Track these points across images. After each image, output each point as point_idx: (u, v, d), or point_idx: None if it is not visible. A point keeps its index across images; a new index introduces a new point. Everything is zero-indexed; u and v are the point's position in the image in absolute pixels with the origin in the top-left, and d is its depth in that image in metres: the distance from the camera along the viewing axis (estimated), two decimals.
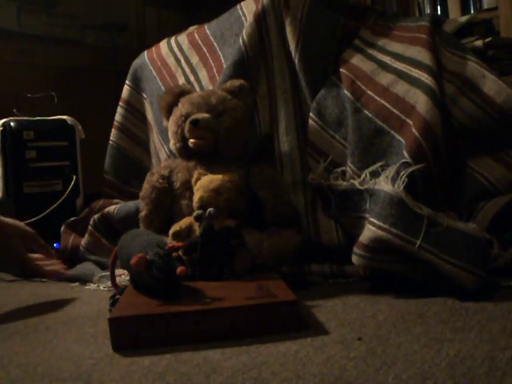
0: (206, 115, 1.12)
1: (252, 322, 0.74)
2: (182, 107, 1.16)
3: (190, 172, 1.11)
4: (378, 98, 1.10)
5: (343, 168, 1.09)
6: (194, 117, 1.11)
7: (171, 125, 1.18)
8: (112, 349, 0.71)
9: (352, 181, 1.02)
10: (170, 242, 0.95)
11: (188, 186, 1.09)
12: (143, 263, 0.77)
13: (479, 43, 1.29)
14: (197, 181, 1.05)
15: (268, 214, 1.07)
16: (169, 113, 1.20)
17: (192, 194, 1.06)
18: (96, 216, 1.36)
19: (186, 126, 1.12)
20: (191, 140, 1.12)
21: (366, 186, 0.99)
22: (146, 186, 1.15)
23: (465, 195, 1.03)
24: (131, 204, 1.33)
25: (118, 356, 0.68)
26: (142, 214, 1.14)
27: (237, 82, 1.19)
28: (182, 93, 1.21)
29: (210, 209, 0.94)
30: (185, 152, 1.15)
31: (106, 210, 1.36)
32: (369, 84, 1.13)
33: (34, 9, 2.26)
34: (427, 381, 0.54)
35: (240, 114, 1.15)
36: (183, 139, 1.14)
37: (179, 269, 0.75)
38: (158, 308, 0.75)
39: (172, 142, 1.18)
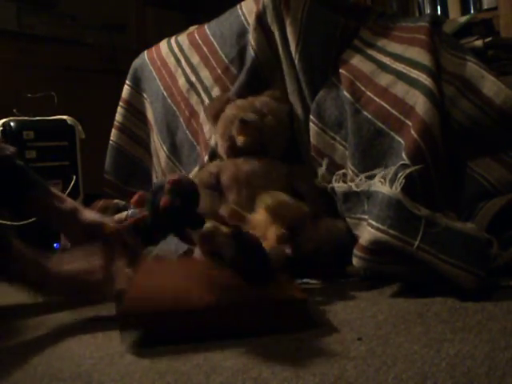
0: (253, 115, 1.19)
1: (260, 318, 0.74)
2: (230, 111, 1.23)
3: (238, 168, 1.17)
4: (378, 99, 1.10)
5: (344, 170, 1.09)
6: (243, 116, 1.18)
7: (219, 127, 1.24)
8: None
9: (349, 183, 1.02)
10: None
11: (236, 181, 1.16)
12: (142, 200, 0.79)
13: (479, 43, 1.29)
14: (233, 214, 1.01)
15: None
16: (216, 119, 1.26)
17: (238, 189, 1.14)
18: None
19: (235, 125, 1.18)
20: (240, 137, 1.18)
21: (361, 188, 0.99)
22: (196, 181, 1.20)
23: (464, 196, 1.03)
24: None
25: (118, 356, 0.68)
26: None
27: (277, 91, 1.26)
28: (228, 100, 1.28)
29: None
30: (232, 151, 1.21)
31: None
32: (368, 85, 1.12)
33: (34, 9, 2.26)
34: (427, 381, 0.54)
35: (283, 116, 1.23)
36: (231, 139, 1.20)
37: (162, 200, 0.76)
38: (168, 303, 0.74)
39: (220, 143, 1.24)
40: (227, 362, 0.64)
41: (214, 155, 1.31)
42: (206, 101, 1.41)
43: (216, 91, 1.40)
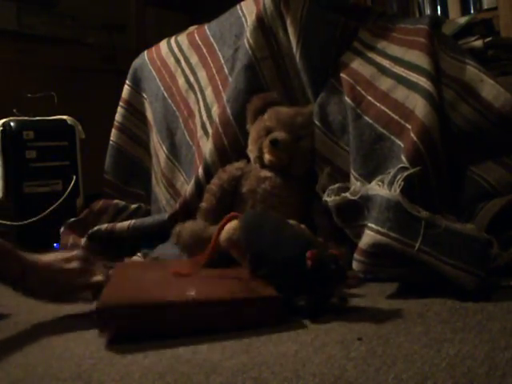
0: (286, 137, 1.15)
1: (234, 315, 0.76)
2: (268, 119, 1.19)
3: (258, 182, 1.15)
4: (378, 104, 1.09)
5: (338, 184, 1.07)
6: (274, 136, 1.14)
7: (253, 131, 1.21)
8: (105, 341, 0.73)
9: (343, 194, 1.01)
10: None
11: (252, 195, 1.14)
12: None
13: (479, 43, 1.29)
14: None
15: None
16: (254, 117, 1.22)
17: (253, 204, 1.13)
18: (104, 227, 1.35)
19: (266, 143, 1.15)
20: (267, 156, 1.15)
21: (358, 195, 0.98)
22: (216, 181, 1.19)
23: (464, 197, 1.03)
24: (150, 220, 1.35)
25: (118, 356, 0.68)
26: (203, 205, 1.17)
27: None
28: (272, 102, 1.23)
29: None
30: (259, 161, 1.19)
31: (118, 226, 1.35)
32: (369, 89, 1.12)
33: (34, 9, 2.26)
34: (427, 381, 0.54)
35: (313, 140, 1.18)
36: (260, 150, 1.17)
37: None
38: (144, 298, 0.77)
39: (249, 147, 1.21)
40: (227, 362, 0.64)
41: (208, 171, 1.26)
42: (201, 101, 1.41)
43: (209, 91, 1.39)
